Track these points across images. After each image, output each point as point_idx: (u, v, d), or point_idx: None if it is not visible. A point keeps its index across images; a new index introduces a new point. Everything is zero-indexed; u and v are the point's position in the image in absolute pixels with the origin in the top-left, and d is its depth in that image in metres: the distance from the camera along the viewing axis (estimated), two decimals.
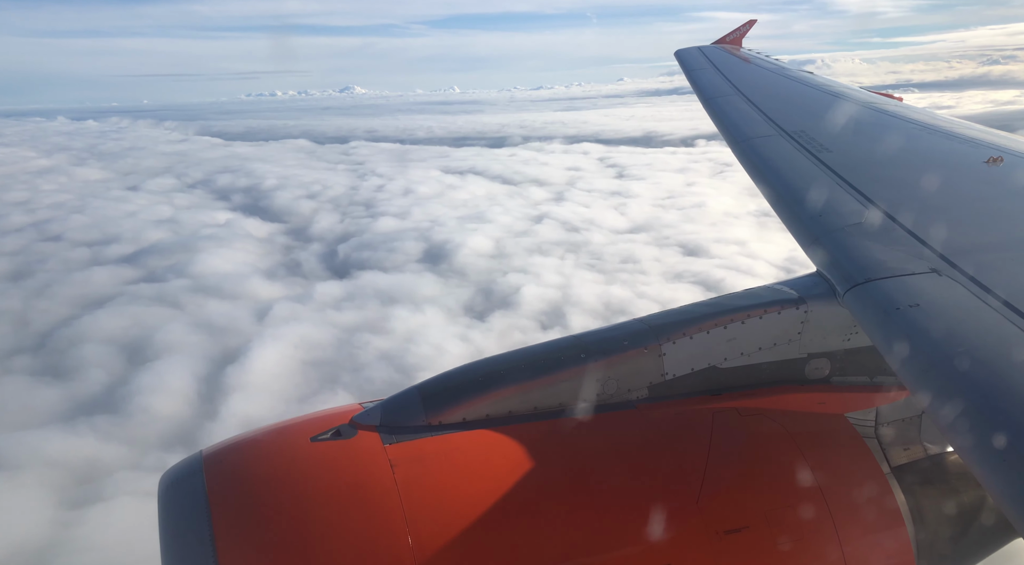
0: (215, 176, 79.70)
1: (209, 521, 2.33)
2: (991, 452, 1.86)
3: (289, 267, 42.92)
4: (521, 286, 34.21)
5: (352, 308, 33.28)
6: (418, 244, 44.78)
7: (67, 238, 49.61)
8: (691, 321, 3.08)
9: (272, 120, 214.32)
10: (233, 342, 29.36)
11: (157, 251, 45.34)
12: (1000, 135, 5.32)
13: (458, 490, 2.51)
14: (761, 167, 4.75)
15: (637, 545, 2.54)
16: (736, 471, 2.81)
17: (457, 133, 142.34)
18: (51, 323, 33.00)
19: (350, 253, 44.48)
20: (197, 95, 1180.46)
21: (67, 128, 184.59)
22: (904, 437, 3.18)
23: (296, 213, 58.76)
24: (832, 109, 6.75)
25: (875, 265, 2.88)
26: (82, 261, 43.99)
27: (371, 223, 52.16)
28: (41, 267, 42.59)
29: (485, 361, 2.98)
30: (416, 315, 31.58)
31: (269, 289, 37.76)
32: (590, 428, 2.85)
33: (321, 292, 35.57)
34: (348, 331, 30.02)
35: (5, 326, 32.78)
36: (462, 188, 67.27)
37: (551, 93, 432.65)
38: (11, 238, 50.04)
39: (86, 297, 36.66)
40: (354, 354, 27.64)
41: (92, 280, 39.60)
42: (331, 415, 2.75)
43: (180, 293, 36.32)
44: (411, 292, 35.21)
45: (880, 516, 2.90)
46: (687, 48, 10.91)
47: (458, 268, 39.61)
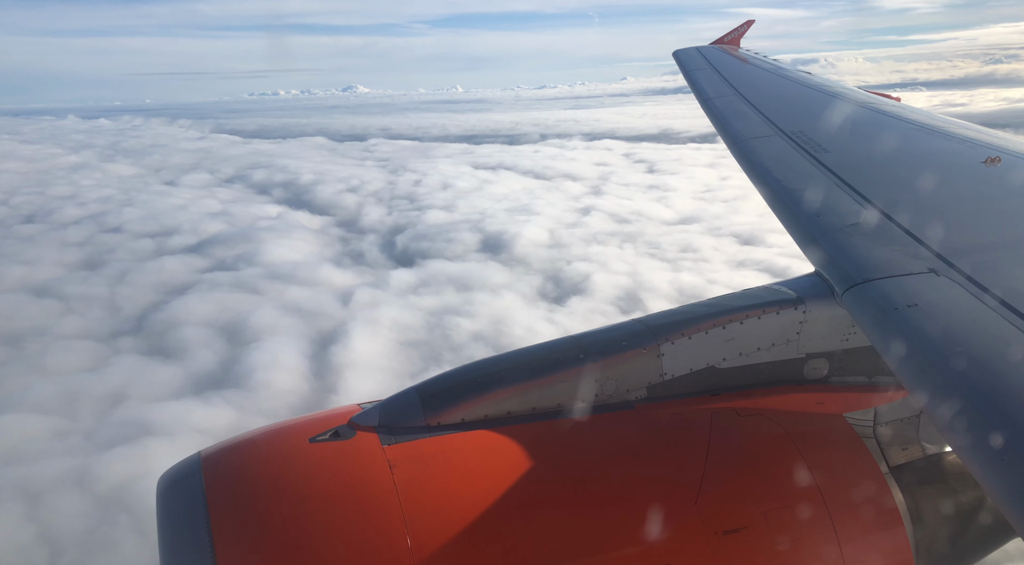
0: (248, 172, 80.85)
1: (207, 522, 2.35)
2: (989, 452, 1.87)
3: (353, 257, 44.20)
4: (590, 274, 35.48)
5: (430, 294, 34.55)
6: (473, 235, 46.06)
7: (127, 230, 50.87)
8: (690, 322, 3.10)
9: (282, 118, 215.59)
10: (326, 325, 30.64)
11: (219, 242, 46.63)
12: (998, 135, 5.35)
13: (457, 491, 2.53)
14: (759, 167, 4.76)
15: (636, 545, 2.56)
16: (735, 471, 2.82)
17: (471, 131, 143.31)
18: (141, 308, 34.31)
19: (408, 244, 45.77)
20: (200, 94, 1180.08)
21: (81, 126, 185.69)
22: (902, 437, 3.19)
23: (342, 206, 60.02)
24: (830, 109, 6.78)
25: (873, 265, 2.89)
26: (149, 251, 45.29)
27: (420, 216, 53.38)
28: (111, 257, 43.89)
29: (484, 362, 3.01)
30: (496, 300, 32.85)
31: (342, 276, 39.05)
32: (589, 428, 2.86)
33: (397, 279, 36.86)
34: (435, 314, 31.29)
35: (99, 311, 34.09)
36: (498, 183, 68.49)
37: (556, 92, 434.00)
38: (73, 230, 51.36)
39: (166, 284, 37.97)
40: (447, 336, 28.91)
41: (166, 268, 40.88)
42: (330, 416, 2.78)
43: (256, 280, 37.57)
44: (482, 279, 36.46)
45: (878, 516, 2.91)
46: (685, 48, 11.00)
47: (519, 257, 40.88)
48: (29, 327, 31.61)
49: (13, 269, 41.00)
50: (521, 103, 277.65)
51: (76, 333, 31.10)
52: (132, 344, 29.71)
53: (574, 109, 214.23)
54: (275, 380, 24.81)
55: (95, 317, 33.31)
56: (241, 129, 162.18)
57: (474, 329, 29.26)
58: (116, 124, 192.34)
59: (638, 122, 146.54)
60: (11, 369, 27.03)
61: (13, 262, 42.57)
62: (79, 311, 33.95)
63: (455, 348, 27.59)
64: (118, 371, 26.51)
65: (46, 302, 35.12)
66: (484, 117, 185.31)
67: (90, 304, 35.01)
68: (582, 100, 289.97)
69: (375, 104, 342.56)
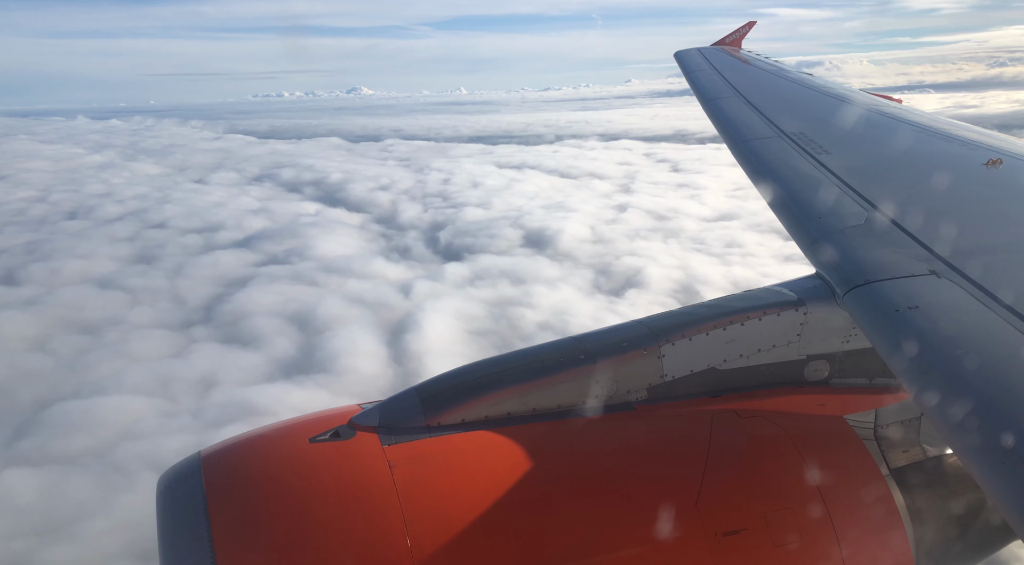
0: (274, 171, 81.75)
1: (207, 522, 2.35)
2: (990, 454, 1.87)
3: (400, 251, 45.15)
4: (641, 267, 36.44)
5: (486, 286, 35.50)
6: (515, 231, 47.01)
7: (171, 226, 51.85)
8: (690, 323, 3.11)
9: (292, 119, 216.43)
10: (392, 315, 31.61)
11: (266, 237, 47.57)
12: (999, 137, 5.35)
13: (456, 491, 2.53)
14: (760, 169, 4.77)
15: (636, 547, 2.57)
16: (735, 473, 2.82)
17: (483, 132, 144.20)
18: (205, 299, 35.29)
19: (452, 239, 46.71)
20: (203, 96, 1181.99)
21: (95, 126, 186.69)
22: (903, 439, 3.18)
23: (376, 204, 60.97)
24: (831, 111, 6.82)
25: (874, 267, 2.89)
26: (198, 246, 46.24)
27: (457, 213, 54.31)
28: (163, 252, 44.85)
29: (484, 363, 3.00)
30: (553, 292, 33.80)
31: (394, 270, 40.01)
32: (589, 429, 2.87)
33: (451, 272, 37.82)
34: (497, 305, 32.25)
35: (166, 302, 35.04)
36: (525, 181, 69.42)
37: (561, 94, 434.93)
38: (118, 226, 52.31)
39: (223, 277, 38.93)
40: (514, 325, 29.86)
41: (220, 262, 41.84)
42: (330, 416, 2.78)
43: (312, 273, 38.54)
44: (533, 273, 37.42)
45: (879, 518, 2.91)
46: (686, 50, 11.00)
47: (565, 252, 41.85)
48: (103, 317, 32.55)
49: (71, 263, 41.98)
50: (528, 105, 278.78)
51: (150, 323, 32.05)
52: (206, 333, 30.67)
53: (582, 111, 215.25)
54: (359, 365, 25.75)
55: (163, 308, 34.26)
56: (253, 130, 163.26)
57: (539, 319, 30.20)
58: (129, 125, 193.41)
59: (650, 123, 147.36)
60: (98, 355, 27.98)
61: (68, 256, 43.54)
62: (146, 302, 34.90)
63: (525, 337, 28.50)
64: (202, 357, 27.48)
65: (112, 294, 36.07)
66: (494, 118, 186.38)
67: (155, 296, 35.97)
68: (588, 102, 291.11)
69: (381, 105, 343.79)
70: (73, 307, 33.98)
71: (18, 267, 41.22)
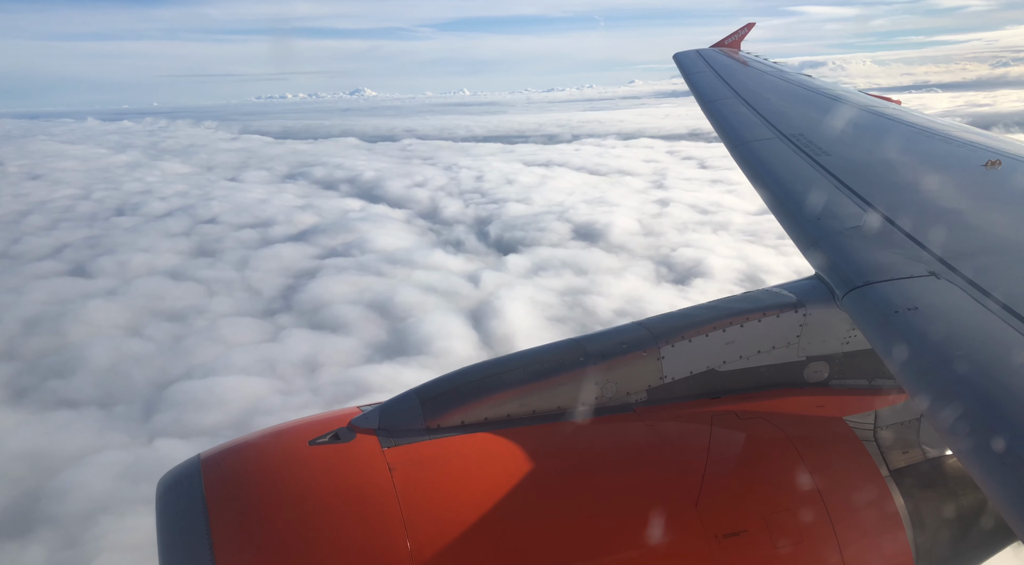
0: (305, 169, 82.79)
1: (207, 525, 2.36)
2: (989, 455, 1.88)
3: (454, 244, 46.20)
4: (701, 258, 37.53)
5: (551, 276, 36.60)
6: (563, 225, 48.08)
7: (223, 221, 52.91)
8: (690, 324, 3.12)
9: (302, 120, 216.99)
10: (467, 303, 32.71)
11: (319, 232, 48.65)
12: (998, 139, 5.36)
13: (456, 494, 2.54)
14: (759, 170, 4.77)
15: (636, 549, 2.58)
16: (735, 474, 2.84)
17: (495, 132, 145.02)
18: (279, 289, 36.41)
19: (501, 233, 47.76)
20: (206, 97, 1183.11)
21: (108, 128, 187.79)
22: (903, 440, 3.20)
23: (415, 200, 62.02)
24: (830, 112, 6.77)
25: (873, 268, 2.90)
26: (256, 240, 47.32)
27: (499, 208, 55.34)
28: (222, 246, 45.94)
29: (483, 364, 3.02)
30: (620, 281, 34.88)
31: (455, 262, 41.11)
32: (589, 431, 2.89)
33: (513, 264, 38.92)
34: (568, 294, 33.34)
35: (241, 293, 36.13)
36: (557, 178, 70.53)
37: (565, 95, 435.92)
38: (170, 222, 53.39)
39: (290, 269, 40.04)
40: (589, 312, 30.94)
41: (283, 255, 42.96)
42: (329, 418, 2.78)
43: (377, 264, 39.61)
44: (594, 264, 38.51)
45: (879, 519, 2.92)
46: (685, 51, 11.03)
47: (619, 244, 42.92)
48: (185, 306, 33.64)
49: (136, 256, 43.06)
50: (534, 105, 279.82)
51: (233, 311, 33.13)
52: (291, 320, 31.73)
53: (591, 111, 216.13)
54: (454, 348, 26.81)
55: (241, 298, 35.35)
56: (267, 130, 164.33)
57: (614, 306, 31.28)
58: (141, 126, 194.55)
59: (663, 123, 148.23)
60: (194, 341, 29.07)
61: (131, 250, 44.61)
62: (223, 293, 35.99)
63: (605, 323, 29.59)
64: (297, 342, 28.56)
65: (186, 285, 37.19)
66: (505, 119, 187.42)
67: (228, 287, 37.05)
68: (595, 102, 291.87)
69: (387, 106, 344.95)
70: (153, 297, 35.07)
71: (86, 260, 42.34)
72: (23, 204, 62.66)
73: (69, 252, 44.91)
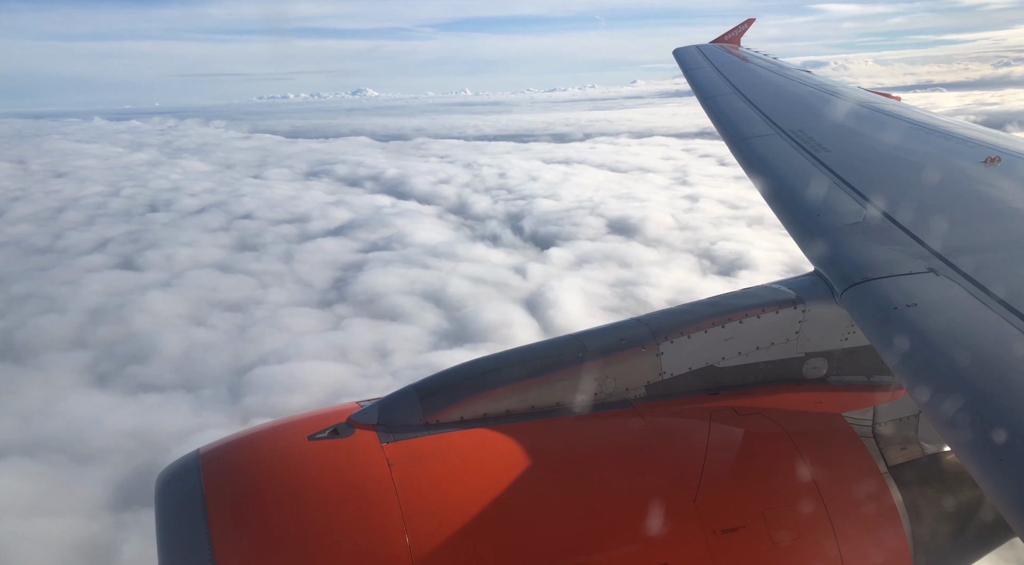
0: (326, 167, 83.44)
1: (206, 519, 2.38)
2: (988, 451, 1.90)
3: (491, 239, 46.91)
4: (743, 251, 38.27)
5: (596, 268, 37.32)
6: (597, 219, 48.81)
7: (259, 217, 53.63)
8: (689, 320, 3.13)
9: (310, 120, 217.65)
10: (518, 294, 33.44)
11: (356, 227, 49.36)
12: (998, 135, 5.37)
13: (455, 489, 2.55)
14: (759, 166, 4.80)
15: (634, 544, 2.60)
16: (733, 470, 2.85)
17: (504, 131, 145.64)
18: (330, 281, 37.16)
19: (536, 228, 48.47)
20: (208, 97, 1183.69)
21: (118, 127, 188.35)
22: (901, 436, 3.21)
23: (443, 197, 62.71)
24: (830, 108, 6.76)
25: (873, 265, 2.91)
26: (296, 235, 48.03)
27: (528, 204, 56.04)
28: (262, 240, 46.66)
29: (482, 360, 3.02)
30: (667, 273, 35.62)
31: (496, 255, 41.85)
32: (588, 427, 2.90)
33: (556, 256, 39.64)
34: (617, 285, 34.08)
35: (293, 285, 36.86)
36: (579, 175, 71.30)
37: (568, 94, 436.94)
38: (206, 217, 54.12)
39: (336, 262, 40.78)
40: (642, 302, 31.66)
41: (326, 249, 43.68)
42: (328, 414, 2.80)
43: (421, 257, 40.32)
44: (636, 257, 39.23)
45: (877, 515, 2.94)
46: (685, 47, 11.03)
47: (656, 238, 43.65)
48: (241, 297, 34.34)
49: (180, 250, 43.76)
50: (539, 105, 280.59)
51: (290, 302, 33.86)
52: (350, 310, 32.42)
53: (598, 110, 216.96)
54: (517, 335, 27.50)
55: (294, 289, 36.08)
56: (276, 129, 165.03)
57: (666, 297, 31.98)
58: (150, 125, 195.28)
59: (672, 121, 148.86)
60: (259, 330, 29.79)
61: (174, 244, 45.31)
62: (275, 285, 36.71)
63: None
64: (362, 330, 29.28)
65: (237, 277, 37.88)
66: (513, 118, 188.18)
67: (279, 279, 37.78)
68: (599, 102, 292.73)
69: (391, 106, 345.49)
70: (207, 289, 35.78)
71: (132, 254, 43.05)
72: (56, 201, 63.36)
73: (113, 246, 45.61)
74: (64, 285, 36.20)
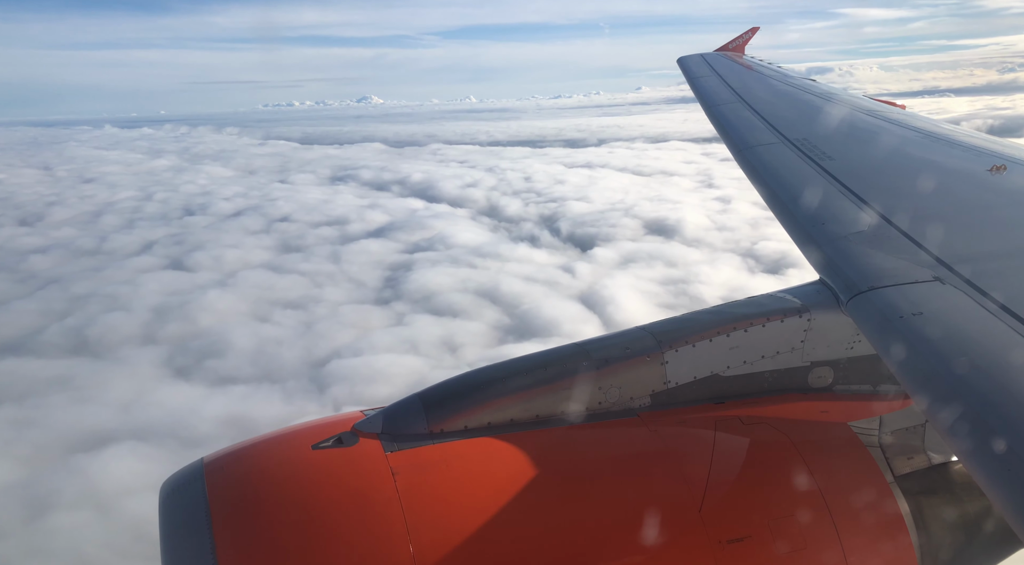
0: (350, 172, 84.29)
1: (210, 529, 2.38)
2: (995, 461, 1.88)
3: (530, 240, 47.60)
4: (786, 250, 38.67)
5: (644, 267, 37.94)
6: (633, 221, 49.44)
7: (296, 219, 54.37)
8: (693, 329, 3.12)
9: (319, 127, 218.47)
10: (572, 292, 34.08)
11: (396, 228, 50.08)
12: (1003, 143, 5.37)
13: (460, 498, 2.55)
14: (764, 175, 4.80)
15: (640, 554, 2.60)
16: (739, 480, 2.84)
17: (517, 137, 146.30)
18: (382, 280, 37.84)
19: (573, 229, 49.13)
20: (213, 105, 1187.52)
21: (131, 135, 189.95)
22: (907, 446, 3.20)
23: (472, 200, 63.40)
24: (835, 117, 6.71)
25: (878, 273, 2.91)
26: (337, 237, 48.76)
27: (560, 206, 56.69)
28: (305, 242, 47.41)
29: (486, 369, 3.02)
30: (717, 271, 36.23)
31: (540, 255, 42.50)
32: (592, 436, 2.89)
33: (600, 256, 40.30)
34: (668, 283, 34.71)
35: (346, 283, 37.53)
36: (604, 178, 71.98)
37: (574, 101, 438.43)
38: (245, 220, 54.85)
39: (383, 262, 41.48)
40: (697, 299, 32.26)
41: (371, 250, 44.37)
42: (333, 422, 2.80)
43: (466, 257, 40.98)
44: (680, 256, 39.85)
45: (883, 525, 2.93)
46: (690, 55, 11.11)
47: (696, 239, 44.26)
48: (298, 296, 35.03)
49: (227, 252, 44.49)
50: (546, 112, 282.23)
51: (348, 300, 34.53)
52: (408, 307, 33.07)
53: (605, 116, 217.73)
54: (584, 330, 28.12)
55: (349, 288, 36.76)
56: (288, 136, 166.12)
57: (720, 294, 32.55)
58: (163, 133, 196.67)
59: (685, 127, 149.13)
60: (324, 325, 30.46)
61: (219, 246, 46.07)
62: (328, 284, 37.39)
63: None
64: (425, 325, 29.91)
65: (290, 277, 38.60)
66: (524, 124, 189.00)
67: (331, 278, 38.47)
68: (606, 108, 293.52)
69: (398, 113, 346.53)
70: (263, 288, 36.48)
71: (180, 255, 43.79)
72: (91, 205, 64.25)
73: (159, 248, 46.37)
74: (121, 285, 36.91)
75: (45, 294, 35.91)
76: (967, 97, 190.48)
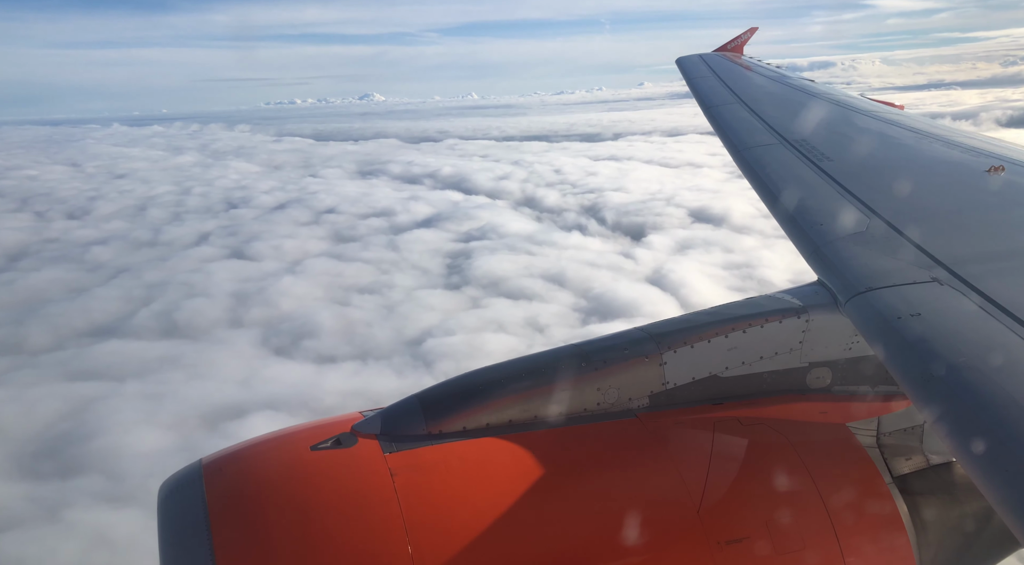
0: (377, 167, 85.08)
1: (208, 530, 2.39)
2: (994, 462, 1.88)
3: (579, 228, 48.43)
4: None
5: (700, 253, 38.82)
6: (677, 210, 50.31)
7: (343, 211, 55.20)
8: (692, 330, 3.12)
9: (328, 124, 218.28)
10: (637, 277, 34.93)
11: (444, 219, 50.93)
12: (1001, 144, 5.42)
13: (458, 499, 2.56)
14: (762, 176, 4.83)
15: (638, 555, 2.60)
16: (737, 481, 2.85)
17: (529, 132, 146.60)
18: (445, 267, 38.75)
19: (619, 218, 49.98)
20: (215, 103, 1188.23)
21: (144, 132, 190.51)
22: (906, 447, 3.20)
23: (508, 192, 64.30)
24: (833, 117, 6.79)
25: (876, 274, 2.90)
26: (388, 227, 49.64)
27: (599, 197, 57.59)
28: (357, 232, 48.26)
29: (485, 370, 3.02)
30: (777, 257, 36.98)
31: (594, 242, 43.34)
32: (590, 437, 2.90)
33: (656, 242, 41.12)
34: (732, 268, 35.54)
35: (410, 270, 38.39)
36: (634, 170, 72.85)
37: (578, 97, 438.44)
38: (291, 212, 55.66)
39: (440, 250, 42.40)
40: (765, 282, 33.07)
41: (424, 239, 45.30)
42: (331, 424, 2.80)
43: (521, 244, 41.83)
44: (734, 243, 40.69)
45: (881, 526, 2.94)
46: (688, 55, 11.13)
47: (744, 226, 44.98)
48: (370, 282, 35.87)
49: (284, 242, 45.35)
50: (551, 108, 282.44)
51: (419, 285, 35.39)
52: (479, 292, 33.92)
53: (614, 112, 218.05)
54: (664, 311, 28.94)
55: (416, 274, 37.61)
56: (301, 133, 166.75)
57: (787, 278, 33.27)
58: (174, 130, 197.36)
59: (696, 121, 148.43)
60: (406, 308, 31.33)
61: (274, 237, 46.92)
62: (394, 270, 38.23)
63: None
64: (504, 308, 30.79)
65: (354, 265, 39.43)
66: (534, 120, 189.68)
67: (396, 266, 39.34)
68: (611, 104, 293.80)
69: (403, 110, 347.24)
70: (332, 274, 37.36)
71: (239, 246, 44.63)
72: (132, 200, 65.11)
73: (215, 239, 47.24)
74: (192, 273, 37.78)
75: (120, 282, 36.76)
76: (974, 90, 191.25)
